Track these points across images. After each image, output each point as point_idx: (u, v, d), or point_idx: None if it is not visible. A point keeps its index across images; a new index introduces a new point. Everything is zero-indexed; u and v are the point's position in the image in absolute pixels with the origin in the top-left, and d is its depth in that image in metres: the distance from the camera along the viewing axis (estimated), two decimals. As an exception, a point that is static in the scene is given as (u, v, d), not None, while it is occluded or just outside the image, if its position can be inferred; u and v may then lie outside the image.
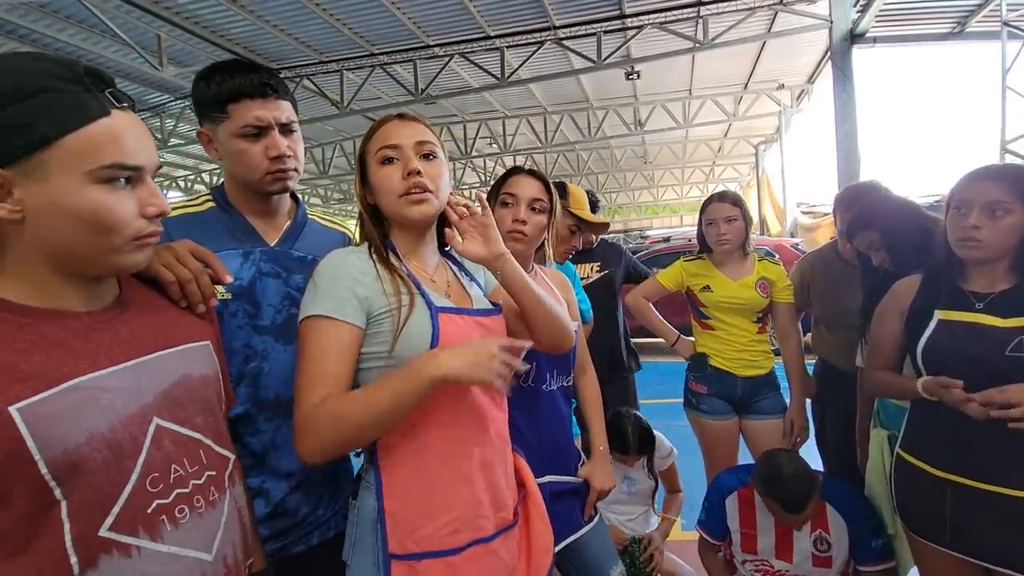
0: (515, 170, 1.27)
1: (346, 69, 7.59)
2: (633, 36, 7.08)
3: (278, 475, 0.98)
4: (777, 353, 1.93)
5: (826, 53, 7.10)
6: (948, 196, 1.21)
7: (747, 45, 7.60)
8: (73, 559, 0.58)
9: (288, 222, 1.08)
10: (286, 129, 1.00)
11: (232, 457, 0.76)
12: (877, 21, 6.60)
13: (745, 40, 7.15)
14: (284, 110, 0.99)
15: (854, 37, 6.49)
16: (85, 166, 0.59)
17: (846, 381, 1.76)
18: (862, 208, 1.62)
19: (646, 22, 6.87)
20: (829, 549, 1.50)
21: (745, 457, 1.93)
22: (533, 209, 1.23)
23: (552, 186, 1.27)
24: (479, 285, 1.05)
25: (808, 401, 1.96)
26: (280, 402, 0.97)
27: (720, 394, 1.91)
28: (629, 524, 1.92)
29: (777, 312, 1.91)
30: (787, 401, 1.92)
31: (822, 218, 7.84)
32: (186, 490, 0.67)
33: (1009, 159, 5.68)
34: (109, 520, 0.60)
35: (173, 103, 8.28)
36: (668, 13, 6.74)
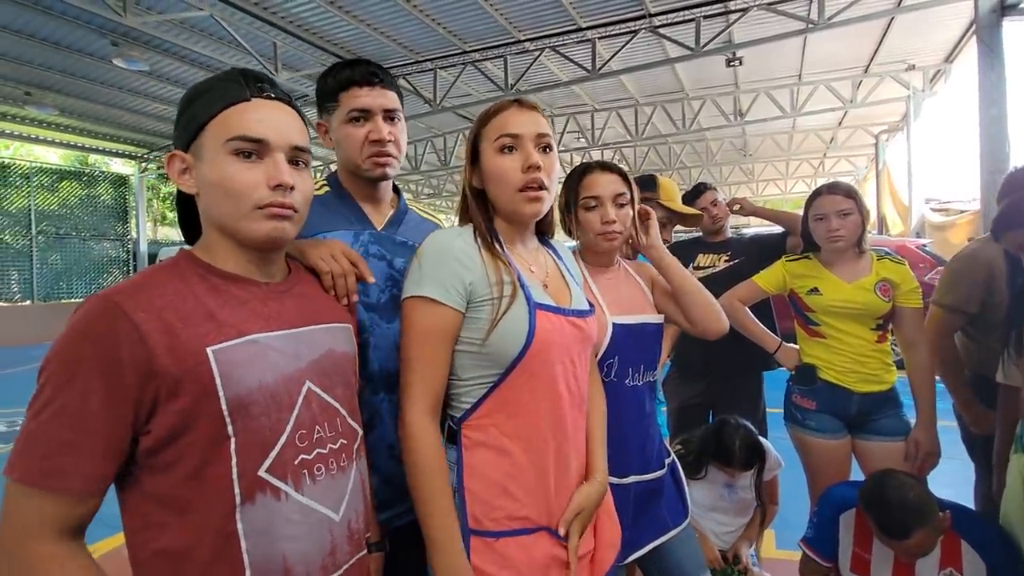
0: (588, 168, 1.23)
1: (439, 68, 7.84)
2: (737, 20, 6.63)
3: (383, 446, 1.03)
4: (900, 366, 1.70)
5: (970, 27, 6.22)
6: None
7: (871, 23, 6.82)
8: (236, 489, 0.67)
9: (392, 210, 1.15)
10: (389, 116, 1.07)
11: (361, 432, 0.84)
12: (1038, -14, 5.65)
13: (870, 17, 6.42)
14: (389, 98, 1.07)
15: (1005, 8, 5.58)
16: (221, 139, 0.71)
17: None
18: (1011, 203, 1.40)
19: (752, 3, 6.41)
20: None
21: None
22: (619, 206, 1.20)
23: (627, 175, 1.23)
24: (576, 281, 1.05)
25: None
26: (384, 375, 1.03)
27: (831, 410, 1.72)
28: (724, 536, 1.83)
29: (903, 318, 1.68)
30: (911, 421, 1.69)
31: (957, 216, 6.89)
32: (324, 451, 0.75)
33: None
34: (267, 463, 0.69)
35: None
36: (776, -8, 6.24)
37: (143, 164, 12.24)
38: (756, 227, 5.40)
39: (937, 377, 1.72)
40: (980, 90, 5.24)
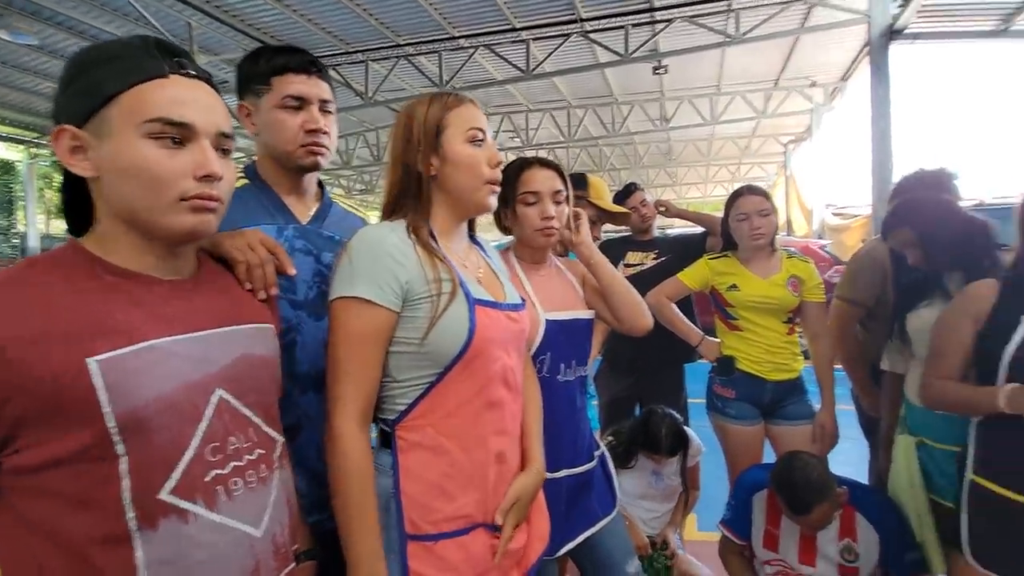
0: (527, 163, 1.23)
1: (371, 60, 7.62)
2: (662, 30, 6.95)
3: (313, 447, 0.99)
4: (806, 356, 1.86)
5: (863, 49, 6.88)
6: None
7: (779, 40, 7.40)
8: (130, 514, 0.60)
9: (317, 203, 1.11)
10: (324, 108, 1.04)
11: (280, 440, 0.78)
12: (918, 17, 6.36)
13: (778, 35, 6.96)
14: (324, 89, 1.04)
15: (893, 33, 6.26)
16: (136, 120, 0.63)
17: None
18: (896, 206, 1.56)
19: (676, 15, 6.74)
20: (856, 559, 1.46)
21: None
22: (556, 202, 1.22)
23: (564, 172, 1.25)
24: (506, 277, 1.04)
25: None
26: (313, 374, 0.99)
27: (748, 398, 1.85)
28: (652, 522, 1.92)
29: (808, 312, 1.84)
30: (815, 406, 1.85)
31: (852, 220, 7.63)
32: (241, 463, 0.69)
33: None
34: (171, 483, 0.62)
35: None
36: (699, 6, 6.60)
37: (33, 149, 10.97)
38: (680, 228, 5.68)
39: (837, 365, 1.90)
40: (871, 105, 5.85)
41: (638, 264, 2.36)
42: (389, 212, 0.95)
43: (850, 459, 2.13)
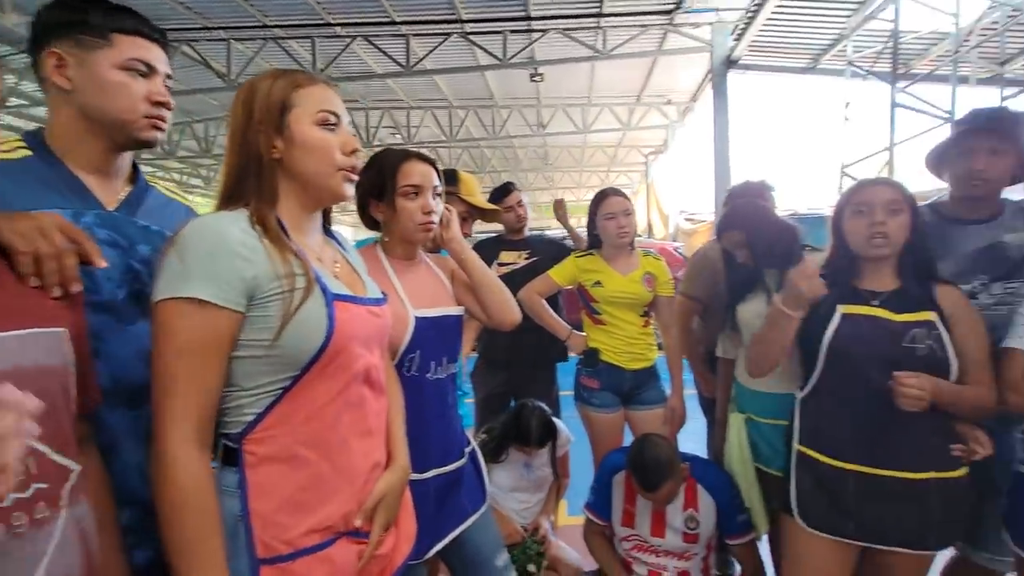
0: (407, 155, 1.20)
1: (235, 39, 6.95)
2: (538, 39, 7.25)
3: (133, 471, 0.85)
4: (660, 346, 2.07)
5: (707, 74, 7.79)
6: (841, 204, 1.32)
7: (641, 59, 8.11)
8: None
9: (129, 188, 0.95)
10: (165, 83, 0.93)
11: (76, 468, 0.66)
12: (749, 50, 7.39)
13: (638, 54, 7.63)
14: (166, 63, 0.93)
15: (730, 63, 7.22)
16: None
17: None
18: (729, 210, 1.78)
19: (550, 26, 7.07)
20: (698, 526, 1.63)
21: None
22: (435, 196, 1.20)
23: (439, 168, 1.24)
24: (363, 270, 0.99)
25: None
26: (119, 390, 0.85)
27: (610, 387, 1.98)
28: (524, 512, 1.98)
29: (660, 305, 2.02)
30: (667, 391, 2.04)
31: (700, 224, 8.64)
32: (6, 504, 0.57)
33: (847, 182, 6.64)
34: None
35: (15, 56, 7.03)
36: (571, 20, 6.99)
37: None
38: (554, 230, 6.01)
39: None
40: (713, 124, 6.68)
41: (511, 263, 2.43)
42: (226, 199, 0.84)
43: (694, 436, 2.39)
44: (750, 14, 6.59)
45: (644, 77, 9.39)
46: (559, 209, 2.70)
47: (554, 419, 1.97)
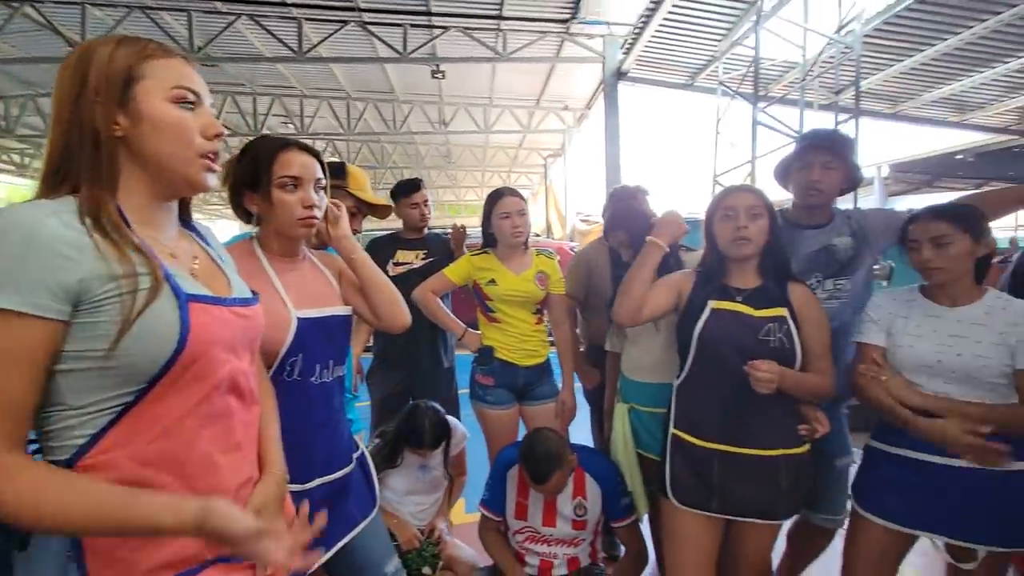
0: (286, 144, 1.11)
1: (91, 3, 6.10)
2: (439, 35, 7.20)
3: None
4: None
5: (600, 84, 8.23)
6: (712, 209, 1.45)
7: (540, 65, 8.37)
8: None
9: None
10: None
11: None
12: (637, 64, 7.94)
13: (537, 59, 7.86)
14: None
15: (620, 74, 7.69)
16: None
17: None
18: (615, 211, 1.89)
19: (451, 24, 7.06)
20: (585, 513, 1.72)
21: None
22: (320, 190, 1.13)
23: (323, 160, 1.16)
24: (230, 267, 0.89)
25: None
26: None
27: (505, 384, 2.01)
28: (420, 514, 1.95)
29: (553, 303, 2.08)
30: (559, 385, 2.10)
31: (594, 224, 9.12)
32: None
33: (718, 189, 7.37)
34: None
35: None
36: (472, 20, 7.03)
37: None
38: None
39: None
40: (605, 131, 7.09)
41: (408, 263, 2.39)
42: (50, 184, 0.72)
43: (584, 427, 2.52)
44: (637, 30, 7.08)
45: (543, 82, 9.70)
46: (457, 237, 2.62)
47: (449, 417, 1.96)
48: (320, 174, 1.13)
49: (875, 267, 1.76)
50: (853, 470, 1.67)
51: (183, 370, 0.70)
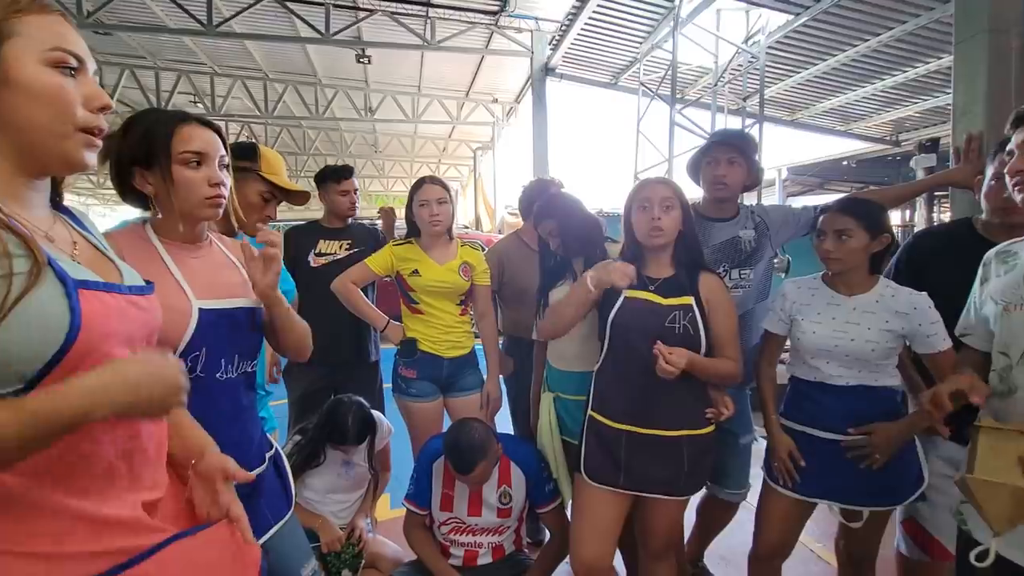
0: (184, 118, 1.02)
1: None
2: (364, 18, 6.93)
3: None
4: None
5: (528, 79, 8.31)
6: (630, 201, 1.50)
7: (470, 56, 8.30)
8: None
9: None
10: None
11: None
12: (564, 61, 8.09)
13: (466, 50, 7.80)
14: None
15: (548, 70, 7.81)
16: None
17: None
18: (545, 201, 1.91)
19: (378, 7, 6.82)
20: (510, 501, 1.74)
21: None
22: (224, 168, 1.04)
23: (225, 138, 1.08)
24: (112, 253, 0.81)
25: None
26: None
27: (428, 377, 1.99)
28: (342, 513, 1.89)
29: (477, 294, 2.08)
30: (484, 377, 2.11)
31: (523, 218, 9.27)
32: None
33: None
34: None
35: None
36: (399, 4, 6.84)
37: None
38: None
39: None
40: (533, 125, 7.18)
41: (330, 254, 2.30)
42: None
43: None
44: (564, 27, 7.21)
45: (472, 74, 9.63)
46: (388, 220, 2.58)
47: (374, 412, 1.92)
48: (224, 151, 1.04)
49: (775, 260, 1.92)
50: (755, 447, 1.82)
51: (72, 366, 0.62)
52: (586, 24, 6.89)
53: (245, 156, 1.50)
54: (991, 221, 1.45)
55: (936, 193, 5.41)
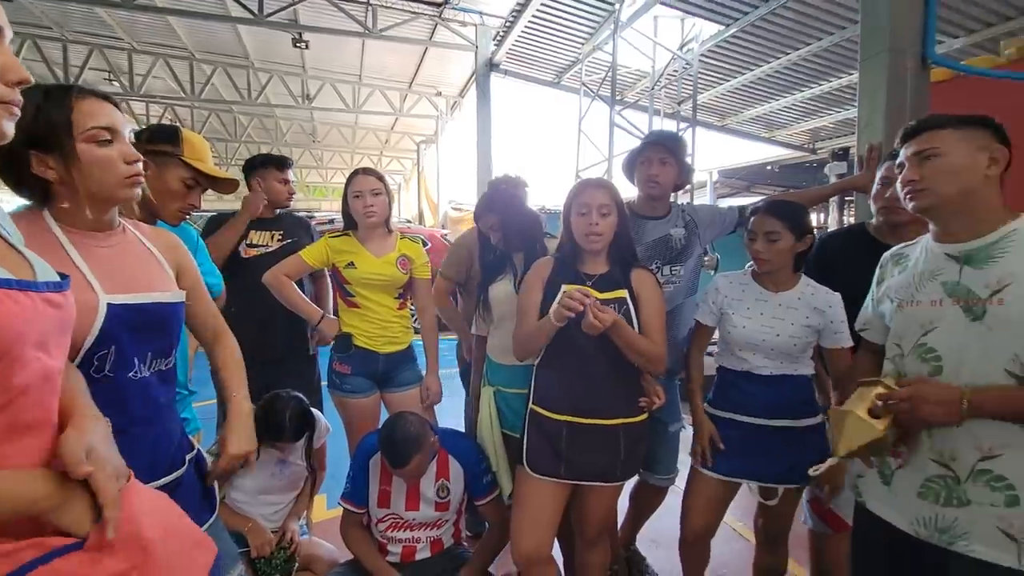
0: (82, 92, 0.92)
1: None
2: (300, 0, 6.65)
3: None
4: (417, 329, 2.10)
5: (473, 73, 8.28)
6: (569, 203, 1.55)
7: (413, 47, 8.15)
8: None
9: None
10: None
11: None
12: (508, 57, 8.12)
13: (409, 41, 7.66)
14: None
15: (492, 65, 7.81)
16: None
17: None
18: (486, 195, 1.91)
19: (315, -10, 6.57)
20: (448, 494, 1.73)
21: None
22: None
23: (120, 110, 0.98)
24: (21, 245, 0.74)
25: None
26: None
27: (363, 372, 1.95)
28: (275, 516, 1.82)
29: (417, 287, 2.05)
30: (423, 372, 2.09)
31: (466, 212, 9.21)
32: None
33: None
34: None
35: None
36: (339, -11, 6.61)
37: None
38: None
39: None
40: (476, 120, 7.16)
41: (262, 245, 2.20)
42: None
43: (455, 412, 2.54)
44: (508, 24, 7.24)
45: (415, 65, 9.47)
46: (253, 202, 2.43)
47: (312, 409, 1.85)
48: (122, 123, 0.95)
49: (705, 258, 2.03)
50: (683, 434, 1.91)
51: None
52: (530, 22, 6.94)
53: (166, 140, 1.41)
54: (879, 223, 1.64)
55: (847, 198, 5.92)
